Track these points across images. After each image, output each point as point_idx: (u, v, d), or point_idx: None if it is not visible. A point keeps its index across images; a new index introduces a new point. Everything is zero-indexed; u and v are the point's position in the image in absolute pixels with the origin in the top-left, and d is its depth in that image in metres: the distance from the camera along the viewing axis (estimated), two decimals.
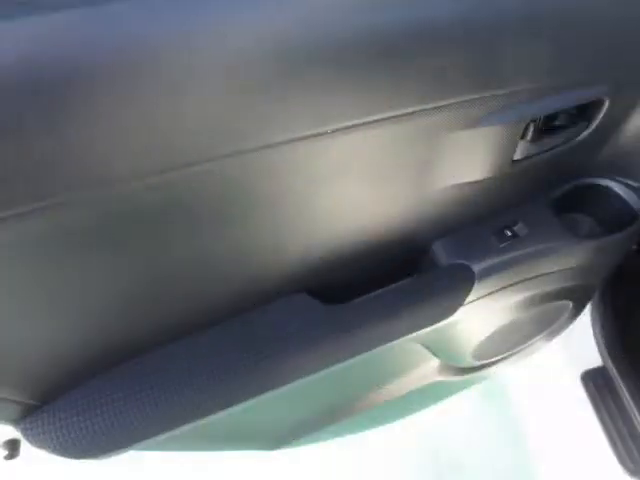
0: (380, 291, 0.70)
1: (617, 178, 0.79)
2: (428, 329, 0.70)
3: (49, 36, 0.32)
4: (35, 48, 0.32)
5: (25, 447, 0.57)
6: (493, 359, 1.01)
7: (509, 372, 1.37)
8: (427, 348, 0.85)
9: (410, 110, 0.48)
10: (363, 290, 0.72)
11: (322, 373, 0.67)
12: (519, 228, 0.74)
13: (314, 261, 0.64)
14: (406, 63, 0.44)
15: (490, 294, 0.74)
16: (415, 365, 0.94)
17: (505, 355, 1.03)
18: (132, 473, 1.28)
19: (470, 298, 0.71)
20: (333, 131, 0.46)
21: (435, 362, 0.96)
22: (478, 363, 0.98)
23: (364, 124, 0.47)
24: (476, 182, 0.63)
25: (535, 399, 1.35)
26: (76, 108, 0.34)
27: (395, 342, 0.69)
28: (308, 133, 0.45)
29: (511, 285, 0.75)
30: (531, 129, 0.59)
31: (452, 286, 0.70)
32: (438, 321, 0.70)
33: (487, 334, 0.86)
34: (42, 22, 0.32)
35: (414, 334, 0.70)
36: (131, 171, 0.40)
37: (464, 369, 1.03)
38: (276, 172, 0.48)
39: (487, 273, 0.71)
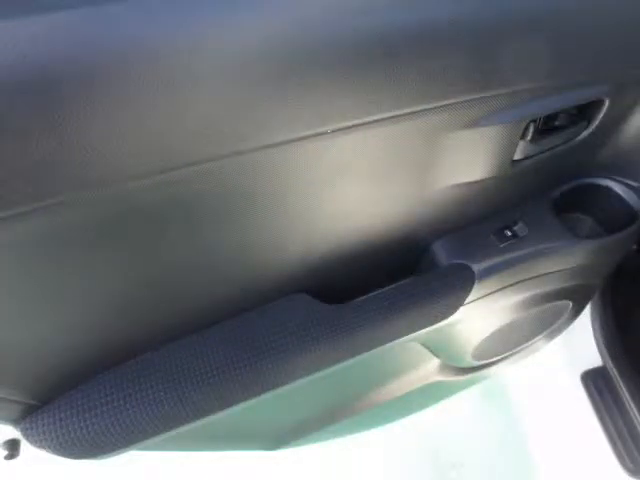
0: (380, 291, 0.70)
1: (617, 178, 0.79)
2: (428, 329, 0.70)
3: (49, 36, 0.32)
4: (35, 48, 0.32)
5: (25, 447, 0.57)
6: (493, 359, 1.01)
7: (509, 372, 1.37)
8: (427, 348, 0.85)
9: (410, 110, 0.48)
10: (363, 290, 0.72)
11: (322, 373, 0.67)
12: (519, 228, 0.74)
13: (314, 261, 0.64)
14: (406, 64, 0.44)
15: (490, 294, 0.74)
16: (415, 365, 0.94)
17: (505, 355, 1.03)
18: (132, 473, 1.29)
19: (470, 298, 0.71)
20: (333, 131, 0.46)
21: (435, 362, 0.96)
22: (478, 363, 0.98)
23: (364, 124, 0.47)
24: (476, 182, 0.63)
25: (535, 399, 1.35)
26: (76, 108, 0.34)
27: (395, 342, 0.69)
28: (308, 133, 0.45)
29: (511, 285, 0.75)
30: (531, 129, 0.59)
31: (452, 286, 0.70)
32: (438, 321, 0.70)
33: (487, 334, 0.86)
34: (42, 22, 0.32)
35: (414, 334, 0.70)
36: (131, 171, 0.40)
37: (464, 369, 1.03)
38: (276, 172, 0.48)
39: (487, 273, 0.71)
